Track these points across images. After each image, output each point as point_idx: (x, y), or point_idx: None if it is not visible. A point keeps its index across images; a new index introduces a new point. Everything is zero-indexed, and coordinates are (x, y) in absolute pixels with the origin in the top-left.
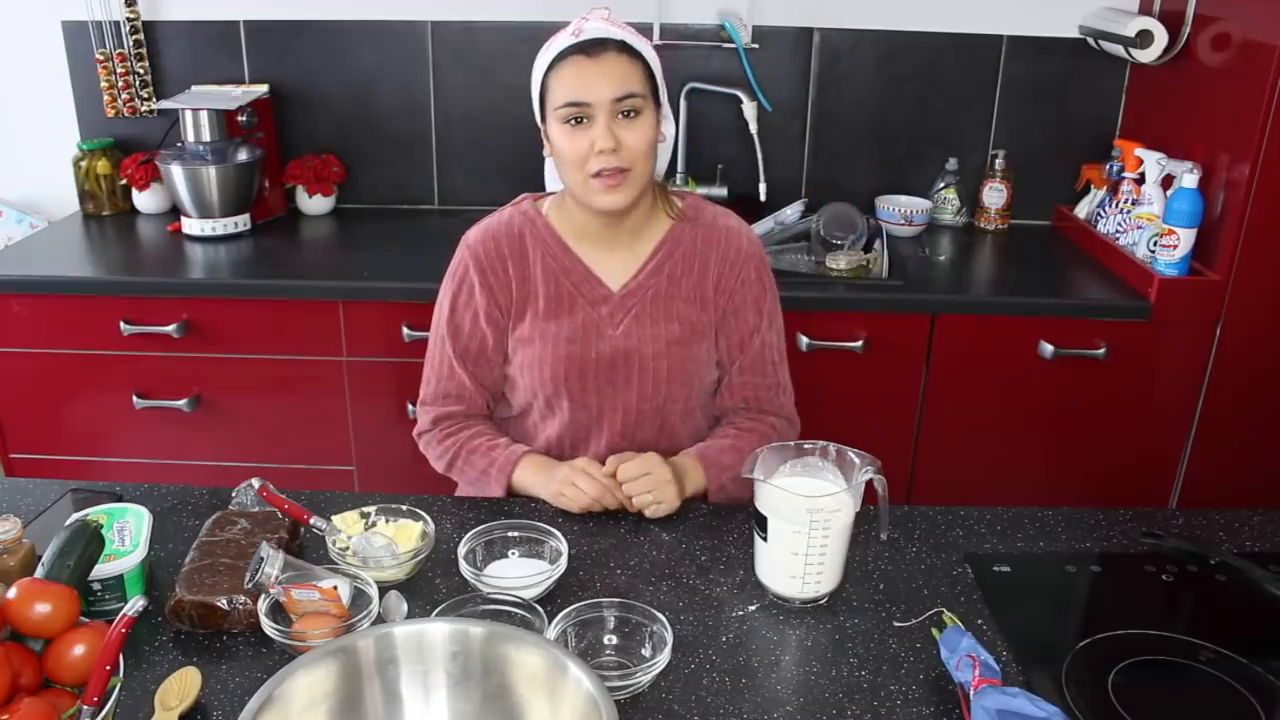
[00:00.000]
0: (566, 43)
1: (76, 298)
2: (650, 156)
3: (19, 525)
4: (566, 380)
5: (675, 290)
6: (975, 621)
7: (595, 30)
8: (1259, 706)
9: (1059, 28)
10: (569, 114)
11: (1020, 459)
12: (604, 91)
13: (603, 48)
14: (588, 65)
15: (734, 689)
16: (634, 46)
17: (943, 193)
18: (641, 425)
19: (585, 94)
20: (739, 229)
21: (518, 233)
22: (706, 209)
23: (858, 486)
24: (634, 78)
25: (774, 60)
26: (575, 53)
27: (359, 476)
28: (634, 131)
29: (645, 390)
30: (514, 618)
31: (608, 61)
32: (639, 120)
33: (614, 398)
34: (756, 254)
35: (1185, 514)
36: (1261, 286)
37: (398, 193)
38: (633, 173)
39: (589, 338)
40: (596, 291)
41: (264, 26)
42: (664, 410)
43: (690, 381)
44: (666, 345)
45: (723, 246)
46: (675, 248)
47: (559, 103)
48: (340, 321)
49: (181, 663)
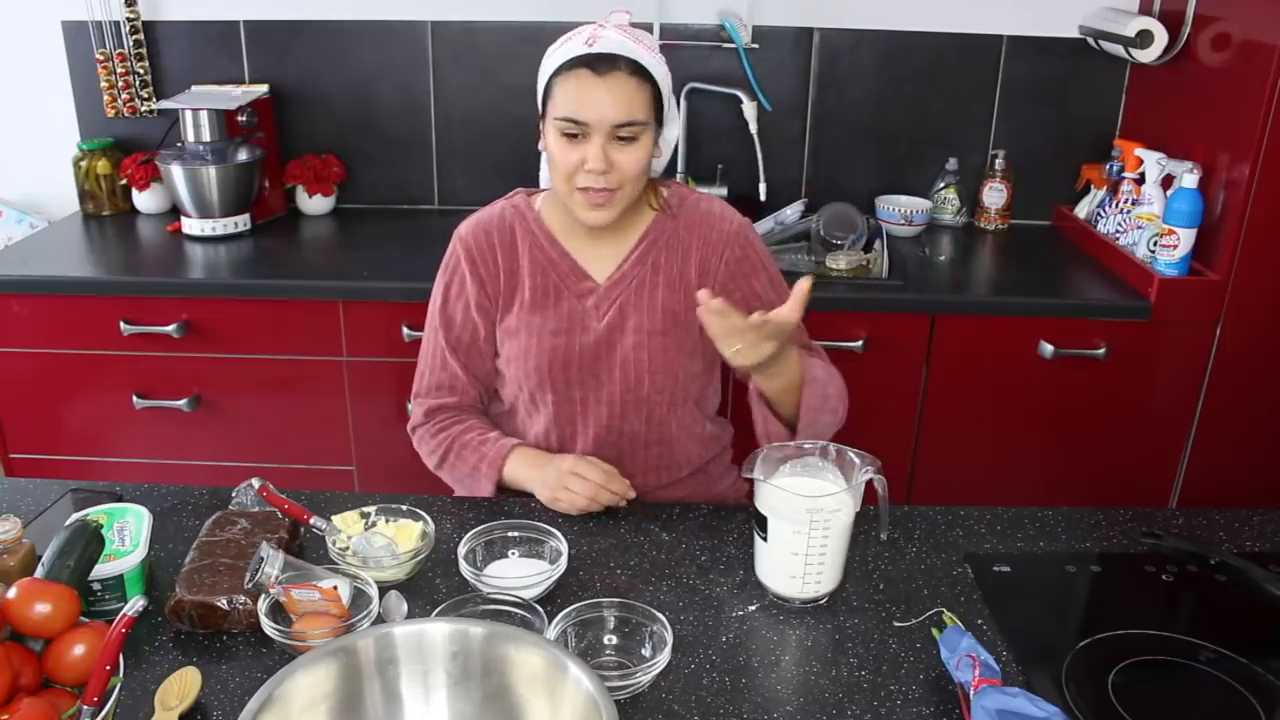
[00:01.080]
0: (578, 51)
1: (76, 298)
2: (642, 178)
3: (19, 525)
4: (550, 372)
5: (658, 279)
6: (975, 621)
7: (609, 44)
8: (1259, 706)
9: (1059, 28)
10: (566, 128)
11: (1020, 459)
12: (606, 114)
13: (613, 66)
14: (593, 83)
15: (734, 689)
16: (646, 67)
17: (943, 193)
18: (627, 417)
19: (586, 113)
20: (721, 212)
21: (508, 225)
22: (689, 197)
23: (858, 486)
24: (639, 103)
25: (774, 60)
26: (583, 66)
27: (359, 476)
28: (628, 155)
29: (628, 381)
30: (514, 618)
31: (615, 82)
32: (636, 145)
33: (597, 390)
34: (740, 233)
35: (1185, 514)
36: (1261, 286)
37: (398, 193)
38: (620, 193)
39: (574, 330)
40: (582, 284)
41: (264, 26)
42: (649, 401)
43: (673, 371)
44: (647, 335)
45: (703, 229)
46: (659, 237)
47: (558, 113)
48: (340, 321)
49: (181, 663)
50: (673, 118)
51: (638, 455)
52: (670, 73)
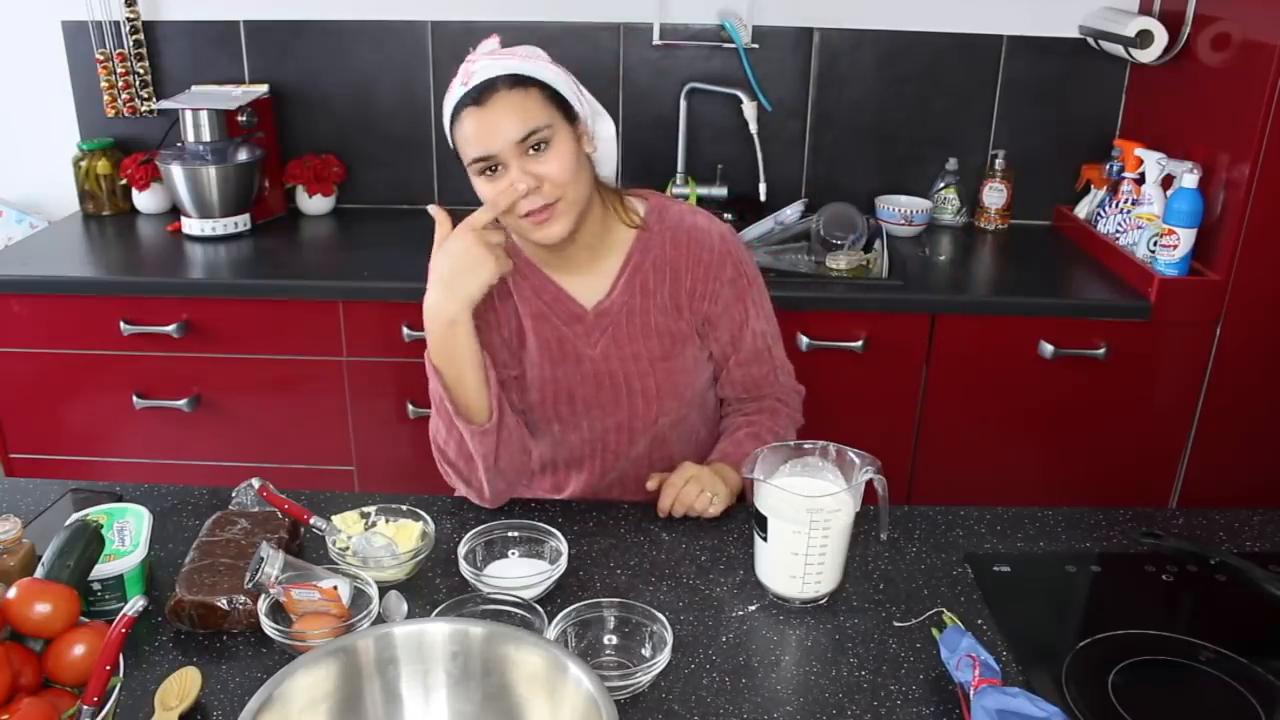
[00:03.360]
0: (458, 94)
1: (76, 298)
2: (578, 177)
3: (19, 525)
4: (555, 404)
5: (650, 303)
6: (975, 621)
7: (482, 72)
8: (1259, 706)
9: (1059, 28)
10: (480, 168)
11: (1020, 459)
12: (504, 137)
13: (491, 91)
14: (481, 115)
15: (734, 689)
16: (526, 75)
17: (943, 193)
18: (635, 442)
19: (488, 146)
20: (707, 227)
21: None
22: (671, 210)
23: (858, 486)
24: (531, 111)
25: (774, 60)
26: (468, 104)
27: (359, 476)
28: (549, 163)
29: (636, 408)
30: (514, 618)
31: (499, 105)
32: (552, 149)
33: (604, 419)
34: (730, 250)
35: (1185, 514)
36: (1261, 286)
37: (398, 193)
38: (563, 201)
39: (568, 360)
40: (569, 310)
41: (264, 26)
42: (655, 424)
43: (681, 393)
44: (650, 363)
45: (693, 249)
46: (644, 258)
47: (468, 159)
48: (340, 321)
49: (181, 663)
50: (596, 111)
51: (641, 473)
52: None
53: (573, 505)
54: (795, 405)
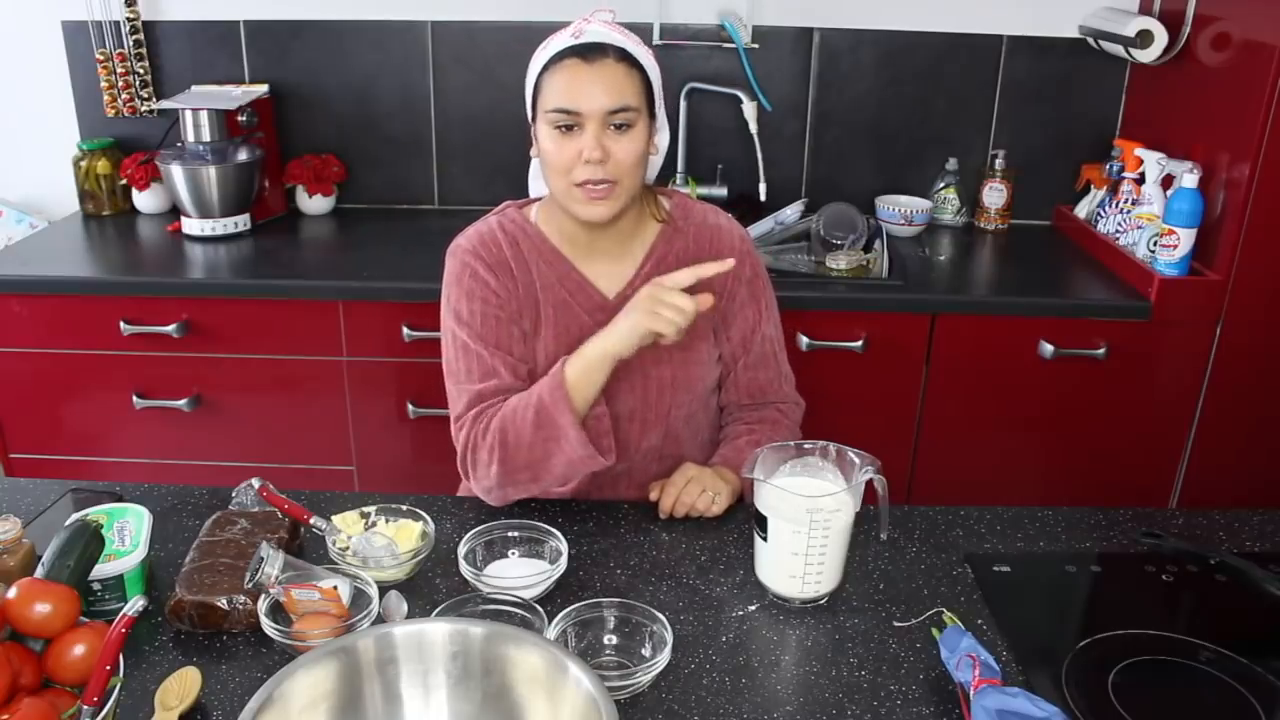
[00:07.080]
0: (565, 44)
1: (76, 298)
2: (639, 170)
3: (19, 525)
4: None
5: None
6: (975, 621)
7: (596, 34)
8: (1259, 706)
9: (1059, 28)
10: (559, 120)
11: (1020, 459)
12: (598, 101)
13: (601, 54)
14: (584, 71)
15: (734, 689)
16: (634, 55)
17: (943, 193)
18: (646, 434)
19: (578, 102)
20: (729, 227)
21: (512, 238)
22: (695, 209)
23: (858, 486)
24: (630, 89)
25: (774, 60)
26: (572, 56)
27: (359, 476)
28: (624, 144)
29: (649, 398)
30: (514, 618)
31: (605, 69)
32: (631, 133)
33: (616, 406)
34: (749, 250)
35: (1185, 514)
36: (1261, 286)
37: (398, 193)
38: (620, 185)
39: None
40: (591, 299)
41: (264, 26)
42: (668, 416)
43: (693, 386)
44: (667, 352)
45: (715, 247)
46: (668, 250)
47: (550, 106)
48: (340, 321)
49: (181, 663)
50: (663, 123)
51: (650, 469)
52: (664, 69)
53: (573, 505)
54: (795, 418)
